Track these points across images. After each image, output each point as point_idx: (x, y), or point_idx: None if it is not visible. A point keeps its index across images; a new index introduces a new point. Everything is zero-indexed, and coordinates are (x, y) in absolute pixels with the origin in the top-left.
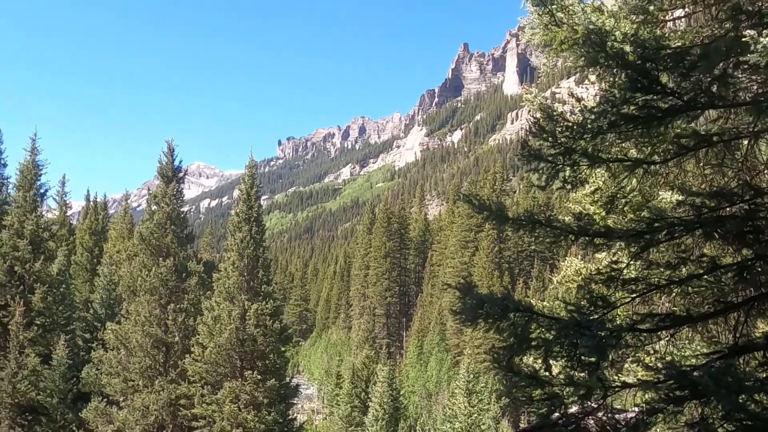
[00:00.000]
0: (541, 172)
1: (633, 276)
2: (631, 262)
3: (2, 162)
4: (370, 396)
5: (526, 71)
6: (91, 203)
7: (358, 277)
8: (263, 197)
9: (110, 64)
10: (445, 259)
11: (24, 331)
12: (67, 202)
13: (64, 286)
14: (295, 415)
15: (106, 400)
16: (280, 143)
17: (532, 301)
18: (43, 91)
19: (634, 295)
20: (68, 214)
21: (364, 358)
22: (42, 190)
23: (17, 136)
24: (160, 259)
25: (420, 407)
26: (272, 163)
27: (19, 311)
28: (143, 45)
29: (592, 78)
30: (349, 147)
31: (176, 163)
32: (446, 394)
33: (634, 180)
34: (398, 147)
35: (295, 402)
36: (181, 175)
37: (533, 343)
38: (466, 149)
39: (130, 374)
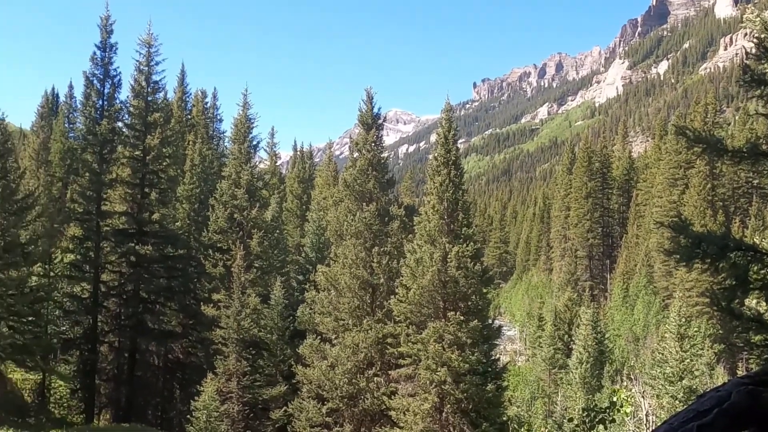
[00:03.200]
0: (765, 98)
1: None
2: None
3: (218, 117)
4: (573, 339)
5: None
6: (298, 153)
7: (559, 219)
8: (460, 141)
9: (309, 17)
10: (652, 198)
11: (245, 273)
12: (277, 152)
13: (277, 231)
14: (498, 355)
15: (319, 337)
16: (475, 85)
17: (755, 239)
18: (250, 45)
19: None
20: (278, 163)
21: (567, 301)
22: (254, 142)
23: (230, 92)
24: (364, 204)
25: (626, 351)
26: (467, 105)
27: (240, 255)
28: None
29: None
30: (546, 85)
31: (375, 110)
32: (655, 338)
33: None
34: (598, 82)
35: (497, 343)
36: (380, 122)
37: (756, 284)
38: (672, 81)
39: (340, 314)
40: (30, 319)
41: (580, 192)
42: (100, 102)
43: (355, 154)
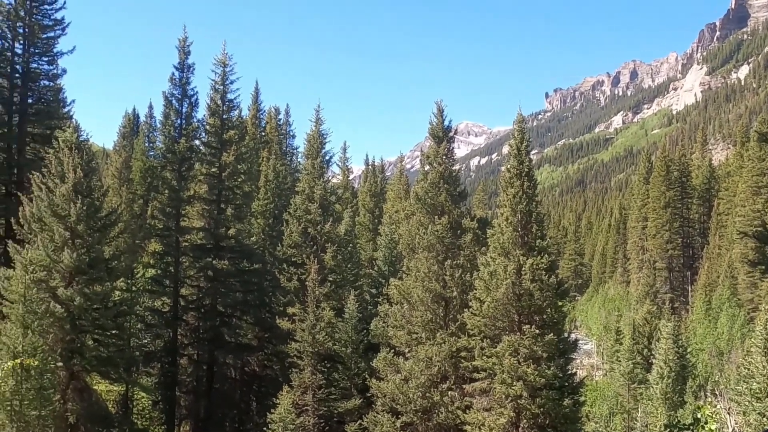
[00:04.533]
0: None
1: None
2: None
3: (291, 133)
4: (653, 353)
5: None
6: (370, 167)
7: (636, 230)
8: (533, 152)
9: (380, 31)
10: (734, 208)
11: (319, 287)
12: (349, 167)
13: (350, 245)
14: (575, 370)
15: (393, 350)
16: (547, 95)
17: None
18: (321, 60)
19: None
20: (350, 178)
21: (645, 314)
22: (327, 158)
23: (303, 108)
24: (436, 217)
25: (710, 366)
26: (540, 116)
27: (314, 269)
28: (405, 16)
29: None
30: (620, 94)
31: (446, 123)
32: (740, 352)
33: None
34: (675, 89)
35: (573, 357)
36: (451, 134)
37: None
38: (754, 85)
39: (413, 327)
40: (113, 332)
41: (658, 202)
42: (179, 121)
43: (427, 167)
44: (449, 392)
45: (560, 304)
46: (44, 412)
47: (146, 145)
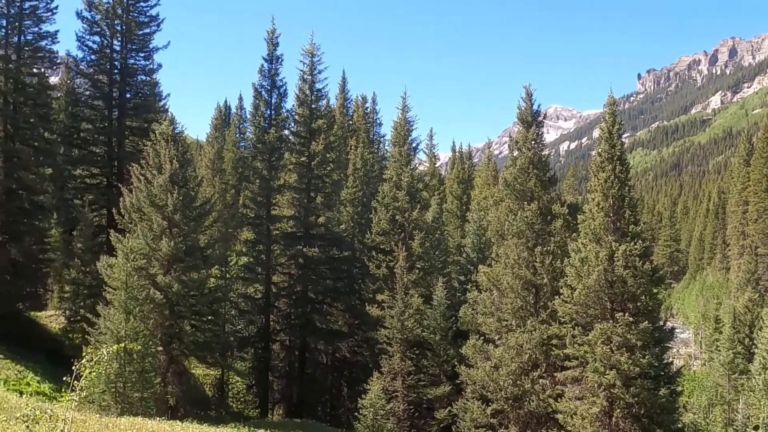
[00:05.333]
0: None
1: None
2: None
3: (378, 121)
4: (755, 342)
5: None
6: (457, 154)
7: (736, 214)
8: (624, 135)
9: (466, 16)
10: None
11: (407, 274)
12: (436, 154)
13: (438, 232)
14: (671, 359)
15: (482, 338)
16: (639, 77)
17: None
18: (408, 50)
19: None
20: (437, 165)
21: (747, 301)
22: (414, 145)
23: (389, 94)
24: (525, 203)
25: None
26: (632, 98)
27: (402, 256)
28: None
29: None
30: (718, 73)
31: (535, 107)
32: None
33: None
34: None
35: (669, 346)
36: (540, 119)
37: None
38: None
39: (503, 314)
40: (209, 318)
41: (759, 185)
42: (268, 112)
43: (515, 153)
44: (540, 380)
45: (655, 291)
46: (146, 394)
47: (237, 136)
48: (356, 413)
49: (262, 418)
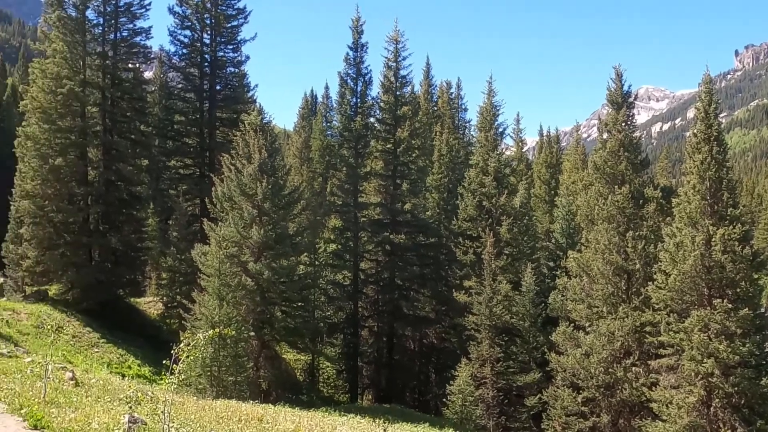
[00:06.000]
0: None
1: None
2: None
3: (463, 107)
4: None
5: None
6: (544, 137)
7: None
8: (721, 114)
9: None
10: None
11: (495, 260)
12: (522, 138)
13: (526, 217)
14: None
15: (572, 324)
16: (737, 53)
17: None
18: (494, 29)
19: None
20: (524, 150)
21: None
22: (500, 129)
23: (474, 79)
24: (616, 186)
25: None
26: (728, 76)
27: (490, 242)
28: None
29: None
30: None
31: (625, 88)
32: None
33: None
34: None
35: None
36: (630, 100)
37: None
38: None
39: (593, 300)
40: (299, 304)
41: None
42: (354, 100)
43: (605, 135)
44: (633, 368)
45: (756, 276)
46: (240, 378)
47: (324, 124)
48: (444, 399)
49: (351, 402)
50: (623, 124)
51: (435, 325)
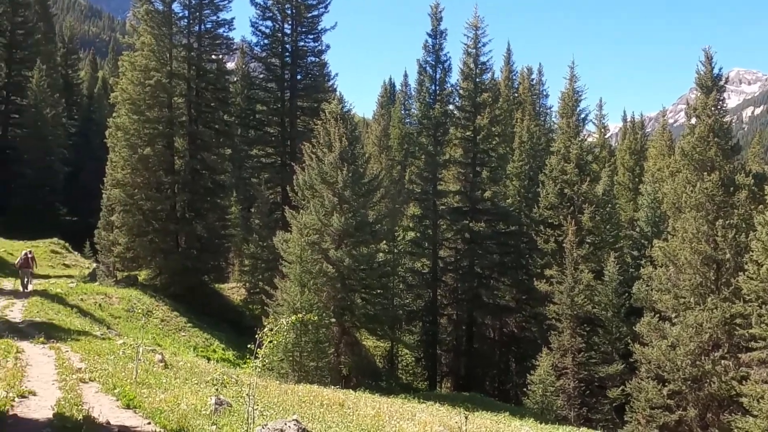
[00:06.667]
0: None
1: None
2: None
3: (544, 93)
4: None
5: None
6: (628, 123)
7: None
8: None
9: None
10: None
11: (577, 249)
12: (605, 124)
13: (609, 205)
14: None
15: (657, 315)
16: None
17: None
18: (576, 12)
19: None
20: (606, 136)
21: None
22: (582, 116)
23: (555, 64)
24: (705, 173)
25: None
26: None
27: (572, 230)
28: None
29: None
30: None
31: (715, 71)
32: None
33: None
34: None
35: None
36: (721, 83)
37: None
38: None
39: (680, 291)
40: (379, 291)
41: None
42: (432, 87)
43: (693, 120)
44: (722, 361)
45: None
46: (321, 364)
47: (402, 112)
48: (525, 389)
49: (430, 390)
50: (713, 109)
51: (515, 314)
